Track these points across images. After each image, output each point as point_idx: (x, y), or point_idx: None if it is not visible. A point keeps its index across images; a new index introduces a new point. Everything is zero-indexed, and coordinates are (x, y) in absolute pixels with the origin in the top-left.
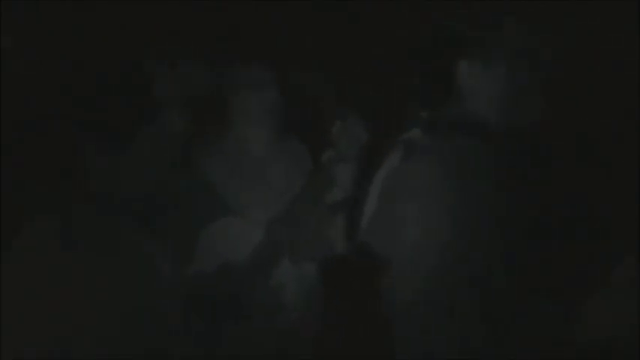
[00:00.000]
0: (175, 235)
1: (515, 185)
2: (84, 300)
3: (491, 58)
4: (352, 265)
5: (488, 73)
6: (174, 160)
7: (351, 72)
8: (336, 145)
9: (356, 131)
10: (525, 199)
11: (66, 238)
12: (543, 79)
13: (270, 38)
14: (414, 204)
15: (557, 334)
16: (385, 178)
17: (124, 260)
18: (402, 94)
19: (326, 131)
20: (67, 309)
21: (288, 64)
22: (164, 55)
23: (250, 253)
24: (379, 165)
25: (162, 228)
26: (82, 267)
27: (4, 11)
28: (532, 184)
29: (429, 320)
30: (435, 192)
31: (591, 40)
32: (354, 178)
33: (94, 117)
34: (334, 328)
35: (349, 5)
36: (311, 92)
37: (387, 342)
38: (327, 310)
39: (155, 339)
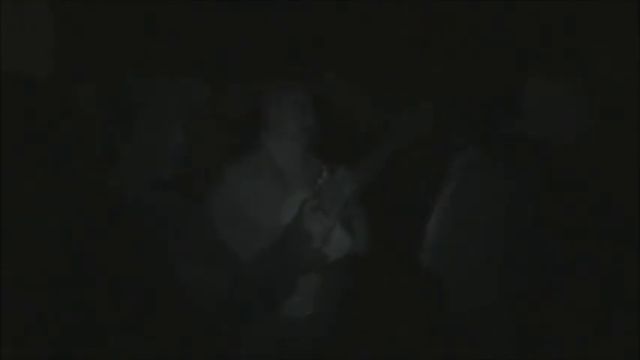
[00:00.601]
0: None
1: (575, 202)
2: None
3: (558, 75)
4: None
5: (553, 91)
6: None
7: (405, 88)
8: (318, 196)
9: (341, 185)
10: (587, 216)
11: None
12: (611, 100)
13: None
14: (475, 222)
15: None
16: (446, 197)
17: None
18: (461, 113)
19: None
20: None
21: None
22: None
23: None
24: (441, 185)
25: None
26: None
27: None
28: (593, 202)
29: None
30: (494, 210)
31: None
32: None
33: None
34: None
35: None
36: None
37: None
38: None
39: None
